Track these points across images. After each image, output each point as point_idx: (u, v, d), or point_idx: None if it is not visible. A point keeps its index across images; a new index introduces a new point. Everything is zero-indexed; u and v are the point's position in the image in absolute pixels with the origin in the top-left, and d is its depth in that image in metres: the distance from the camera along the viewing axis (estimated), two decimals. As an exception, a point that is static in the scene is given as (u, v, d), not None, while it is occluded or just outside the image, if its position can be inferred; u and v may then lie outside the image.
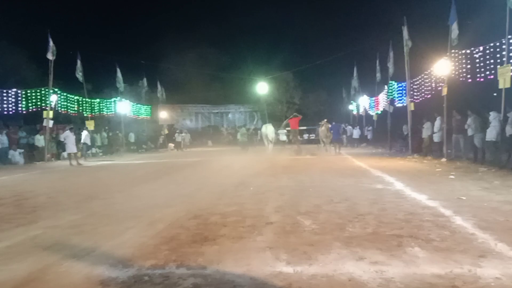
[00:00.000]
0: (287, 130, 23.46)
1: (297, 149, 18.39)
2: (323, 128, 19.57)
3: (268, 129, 20.64)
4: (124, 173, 11.59)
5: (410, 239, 3.90)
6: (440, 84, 14.30)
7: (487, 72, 12.53)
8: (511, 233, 4.02)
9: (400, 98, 20.54)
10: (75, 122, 24.19)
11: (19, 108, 18.86)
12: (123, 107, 24.64)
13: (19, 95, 18.89)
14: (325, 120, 20.03)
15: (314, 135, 23.91)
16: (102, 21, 46.46)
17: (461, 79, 13.43)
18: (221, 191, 7.15)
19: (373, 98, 25.14)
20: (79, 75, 20.43)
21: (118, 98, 24.77)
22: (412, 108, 16.17)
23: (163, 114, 31.28)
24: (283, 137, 25.83)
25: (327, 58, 36.21)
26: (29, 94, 19.02)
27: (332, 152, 18.90)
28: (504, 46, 10.83)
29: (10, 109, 18.80)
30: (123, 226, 4.74)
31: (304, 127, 30.02)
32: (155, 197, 6.76)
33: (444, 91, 12.86)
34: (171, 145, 26.94)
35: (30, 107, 18.96)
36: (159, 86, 30.15)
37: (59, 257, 3.70)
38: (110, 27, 48.63)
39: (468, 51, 13.23)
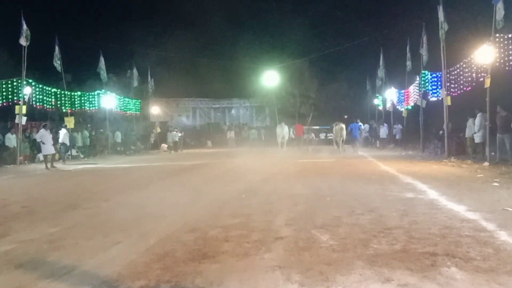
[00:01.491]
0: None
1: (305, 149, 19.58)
2: (337, 128, 20.65)
3: (284, 130, 22.15)
4: (109, 179, 11.68)
5: (446, 258, 3.89)
6: (482, 74, 14.21)
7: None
8: None
9: (434, 91, 20.42)
10: (53, 119, 24.50)
11: (-13, 103, 18.97)
12: (108, 101, 24.84)
13: (-13, 87, 18.98)
14: (339, 122, 21.24)
15: (332, 134, 24.51)
16: (84, 1, 46.54)
17: (507, 68, 13.30)
18: (224, 200, 7.18)
19: (403, 91, 25.05)
20: (57, 63, 20.63)
21: (103, 91, 24.95)
22: (449, 103, 16.07)
23: (155, 110, 31.48)
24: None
25: (348, 43, 36.12)
26: (-2, 86, 19.10)
27: (350, 152, 19.60)
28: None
29: (-23, 104, 18.94)
30: (109, 240, 4.78)
31: (316, 126, 30.22)
32: (146, 206, 6.81)
33: (487, 83, 12.75)
34: (164, 145, 27.12)
35: (0, 102, 19.03)
36: (150, 77, 30.33)
37: (35, 276, 3.74)
38: (93, 8, 48.68)
39: (516, 35, 13.12)
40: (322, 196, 7.33)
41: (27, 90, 18.99)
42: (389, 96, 27.51)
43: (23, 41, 17.55)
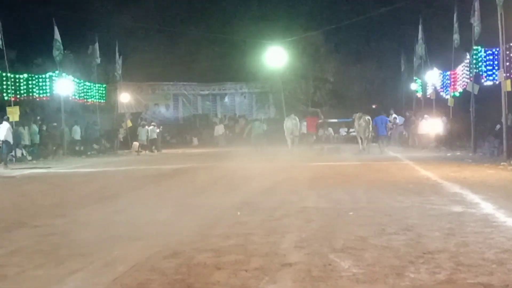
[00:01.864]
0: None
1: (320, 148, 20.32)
2: (361, 121, 20.89)
3: (294, 123, 22.34)
4: (66, 188, 11.69)
5: (505, 291, 3.89)
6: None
7: None
8: None
9: (489, 73, 20.37)
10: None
11: None
12: (63, 86, 24.77)
13: None
14: (364, 114, 21.45)
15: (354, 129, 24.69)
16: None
17: None
18: (215, 216, 7.19)
19: (448, 73, 24.99)
20: (-3, 37, 20.62)
21: (56, 72, 24.89)
22: (508, 88, 16.04)
23: (125, 98, 31.53)
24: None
25: (378, 11, 36.02)
26: None
27: (376, 152, 19.86)
28: None
29: None
30: (65, 268, 4.78)
31: (333, 119, 30.26)
32: (114, 224, 6.82)
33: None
34: (136, 144, 27.14)
35: None
36: (118, 54, 30.33)
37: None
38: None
39: None
40: (342, 210, 7.34)
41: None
42: (430, 80, 27.49)
43: None
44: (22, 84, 24.18)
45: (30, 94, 24.71)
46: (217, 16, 39.28)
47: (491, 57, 20.24)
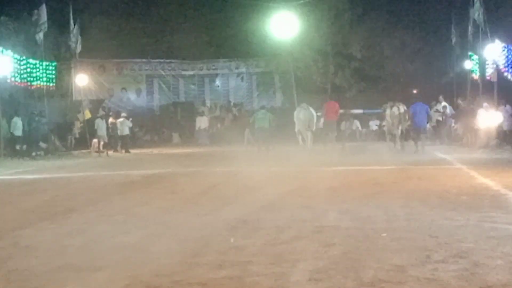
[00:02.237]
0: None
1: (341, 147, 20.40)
2: (394, 111, 21.23)
3: (307, 115, 22.58)
4: (3, 201, 11.65)
5: None
6: None
7: None
8: None
9: None
10: None
11: None
12: (-1, 65, 24.78)
13: None
14: (398, 102, 21.90)
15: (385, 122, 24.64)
16: None
17: None
18: (203, 238, 7.18)
19: (514, 47, 24.95)
20: None
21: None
22: None
23: (83, 80, 31.43)
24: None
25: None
26: None
27: (413, 150, 20.22)
28: None
29: None
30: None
31: (357, 110, 30.18)
32: (67, 249, 6.81)
33: None
34: (96, 142, 27.12)
35: None
36: (73, 23, 30.27)
37: None
38: None
39: None
40: (373, 230, 7.33)
41: None
42: (490, 56, 27.42)
43: None
44: None
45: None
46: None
47: None
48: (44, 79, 28.98)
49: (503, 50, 26.48)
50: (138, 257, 6.32)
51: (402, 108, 21.34)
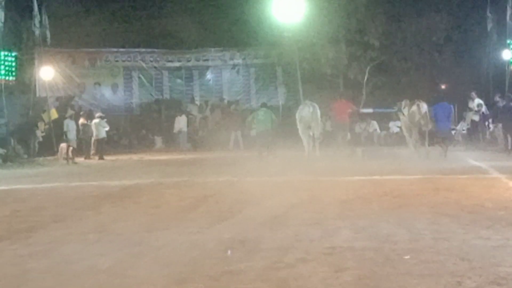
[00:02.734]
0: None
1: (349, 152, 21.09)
2: (414, 109, 21.52)
3: (313, 113, 22.75)
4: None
5: None
6: None
7: None
8: None
9: None
10: None
11: None
12: None
13: None
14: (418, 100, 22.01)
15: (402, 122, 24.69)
16: None
17: None
18: (191, 261, 7.16)
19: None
20: None
21: None
22: None
23: (48, 73, 31.43)
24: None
25: None
26: None
27: (436, 156, 20.44)
28: None
29: None
30: None
31: (369, 109, 30.20)
32: (29, 274, 6.76)
33: None
34: (64, 146, 27.05)
35: None
36: (37, 6, 30.26)
37: None
38: None
39: None
40: (394, 252, 7.31)
41: None
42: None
43: None
44: None
45: None
46: None
47: None
48: (2, 72, 28.97)
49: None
50: (114, 284, 6.29)
51: (423, 106, 21.34)
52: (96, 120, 28.03)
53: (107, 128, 28.62)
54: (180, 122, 33.89)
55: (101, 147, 28.04)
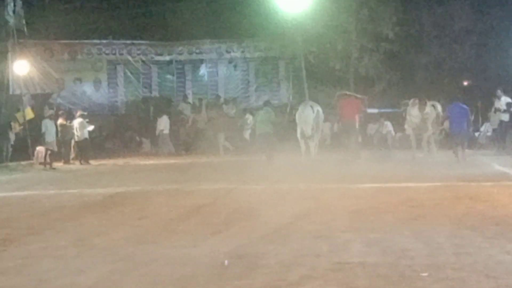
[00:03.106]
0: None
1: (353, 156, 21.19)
2: (429, 111, 21.93)
3: (311, 114, 23.02)
4: None
5: None
6: None
7: None
8: None
9: None
10: None
11: None
12: None
13: None
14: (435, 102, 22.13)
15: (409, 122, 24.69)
16: None
17: None
18: (182, 279, 7.18)
19: None
20: None
21: None
22: None
23: (22, 68, 31.42)
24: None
25: None
26: None
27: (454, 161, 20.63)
28: None
29: None
30: None
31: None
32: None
33: None
34: (42, 150, 27.06)
35: None
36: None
37: None
38: None
39: None
40: (410, 268, 7.33)
41: None
42: None
43: None
44: None
45: None
46: None
47: None
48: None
49: None
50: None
51: (435, 105, 21.44)
52: (79, 120, 27.92)
53: (90, 128, 28.52)
54: (162, 123, 33.72)
55: (84, 150, 27.93)
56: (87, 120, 29.13)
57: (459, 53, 36.41)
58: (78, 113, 28.77)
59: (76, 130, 27.79)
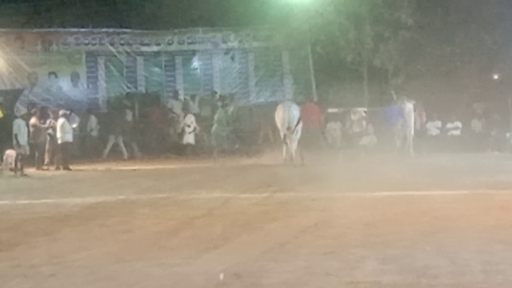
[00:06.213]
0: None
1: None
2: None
3: (289, 113, 23.99)
4: None
5: None
6: None
7: None
8: None
9: None
10: None
11: None
12: None
13: None
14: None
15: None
16: None
17: None
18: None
19: None
20: None
21: None
22: None
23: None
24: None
25: None
26: None
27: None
28: None
29: None
30: None
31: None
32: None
33: None
34: (12, 154, 27.09)
35: None
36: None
37: None
38: None
39: None
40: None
41: None
42: None
43: None
44: None
45: None
46: None
47: None
48: None
49: None
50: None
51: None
52: (61, 120, 27.86)
53: (75, 125, 28.48)
54: (127, 116, 33.67)
55: (66, 154, 27.85)
56: (66, 116, 29.08)
57: (488, 43, 36.32)
58: (61, 112, 28.68)
59: (60, 132, 27.72)
